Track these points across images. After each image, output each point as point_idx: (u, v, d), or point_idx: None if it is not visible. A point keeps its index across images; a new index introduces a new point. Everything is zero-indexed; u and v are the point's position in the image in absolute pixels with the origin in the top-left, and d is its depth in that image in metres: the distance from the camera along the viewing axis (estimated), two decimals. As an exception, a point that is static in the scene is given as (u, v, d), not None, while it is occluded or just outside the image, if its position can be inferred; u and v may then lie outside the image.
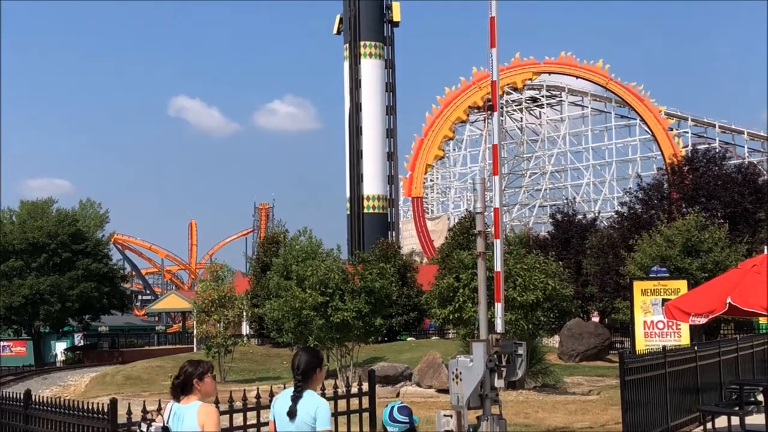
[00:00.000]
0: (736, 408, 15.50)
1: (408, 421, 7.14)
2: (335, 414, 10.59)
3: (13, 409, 11.31)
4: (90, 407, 9.41)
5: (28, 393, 11.13)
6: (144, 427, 7.36)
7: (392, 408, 7.18)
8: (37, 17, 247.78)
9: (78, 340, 77.21)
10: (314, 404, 7.05)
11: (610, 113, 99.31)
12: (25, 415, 10.89)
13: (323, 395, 7.68)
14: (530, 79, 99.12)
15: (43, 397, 11.09)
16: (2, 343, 74.45)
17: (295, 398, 7.10)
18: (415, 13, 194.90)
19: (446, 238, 65.35)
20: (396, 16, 79.48)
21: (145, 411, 8.61)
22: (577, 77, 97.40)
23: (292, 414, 7.04)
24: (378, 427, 7.82)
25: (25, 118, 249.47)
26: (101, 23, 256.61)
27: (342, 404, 10.67)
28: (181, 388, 7.23)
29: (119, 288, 74.52)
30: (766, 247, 15.46)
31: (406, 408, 7.24)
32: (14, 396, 11.49)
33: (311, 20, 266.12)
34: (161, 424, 7.19)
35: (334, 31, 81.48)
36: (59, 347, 73.76)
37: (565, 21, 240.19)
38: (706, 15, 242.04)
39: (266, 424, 9.01)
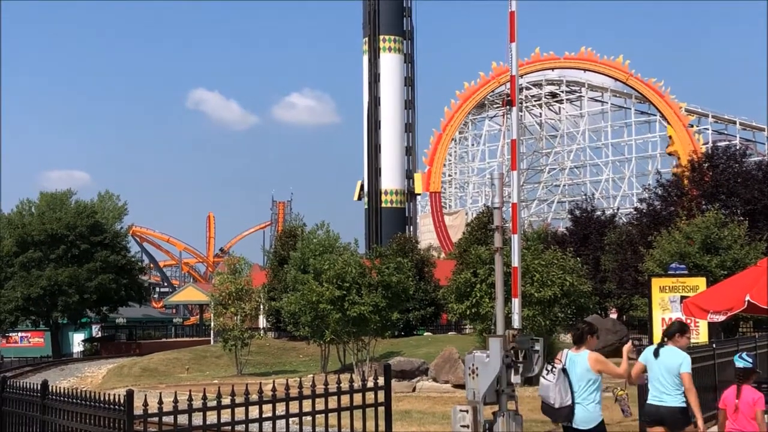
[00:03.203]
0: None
1: (752, 362, 10.07)
2: (350, 408, 10.58)
3: (31, 399, 11.34)
4: (106, 398, 9.42)
5: (45, 383, 11.16)
6: (549, 367, 10.20)
7: (740, 354, 10.20)
8: (57, 8, 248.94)
9: (96, 331, 77.68)
10: (678, 357, 10.51)
11: (630, 109, 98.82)
12: (42, 406, 10.92)
13: (338, 389, 7.92)
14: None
15: (60, 387, 11.11)
16: (20, 334, 74.91)
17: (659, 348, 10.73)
18: (436, 7, 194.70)
19: (464, 233, 65.19)
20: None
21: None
22: (596, 73, 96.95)
23: (656, 355, 10.66)
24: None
25: (45, 110, 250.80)
26: (120, 14, 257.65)
27: (357, 398, 10.65)
28: (576, 340, 10.32)
29: (137, 280, 74.80)
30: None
31: (752, 355, 10.84)
32: (32, 386, 11.52)
33: (331, 13, 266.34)
34: (560, 366, 10.10)
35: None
36: (77, 338, 74.19)
37: (585, 17, 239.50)
38: (727, 11, 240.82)
39: (283, 417, 9.34)
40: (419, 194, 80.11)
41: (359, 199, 77.75)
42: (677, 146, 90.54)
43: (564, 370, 10.04)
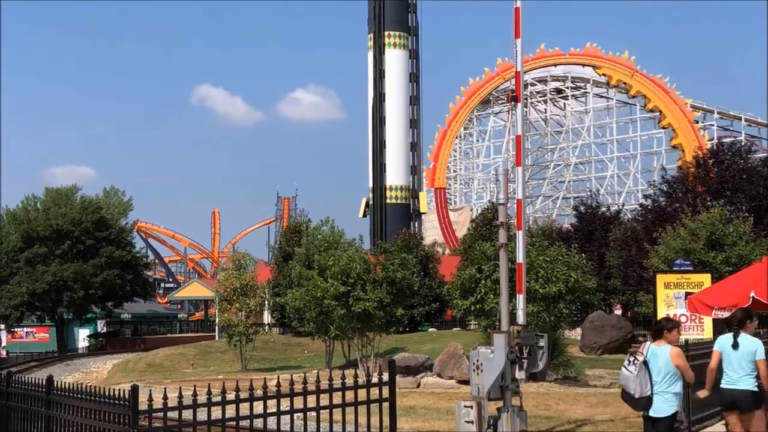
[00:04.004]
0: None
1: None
2: (355, 403, 10.60)
3: (36, 394, 11.38)
4: (111, 393, 9.45)
5: (50, 379, 11.20)
6: (631, 359, 10.80)
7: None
8: (61, 4, 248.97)
9: (101, 327, 77.81)
10: (753, 343, 11.24)
11: (635, 105, 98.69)
12: (47, 401, 10.96)
13: (343, 385, 7.96)
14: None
15: (65, 383, 11.15)
16: (26, 329, 75.05)
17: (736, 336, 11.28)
18: (441, 3, 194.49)
19: (469, 229, 65.19)
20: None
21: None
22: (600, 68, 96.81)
23: (735, 346, 11.20)
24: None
25: (49, 106, 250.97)
26: (125, 11, 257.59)
27: (362, 394, 10.66)
28: (654, 334, 11.00)
29: (142, 276, 74.87)
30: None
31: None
32: (37, 381, 11.56)
33: (336, 9, 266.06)
34: (642, 359, 10.68)
35: None
36: (82, 334, 74.32)
37: (589, 13, 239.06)
38: (732, 8, 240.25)
39: (287, 412, 9.36)
40: (424, 213, 79.93)
41: (364, 216, 77.62)
42: (681, 139, 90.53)
43: (645, 363, 10.72)
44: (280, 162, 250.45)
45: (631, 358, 10.84)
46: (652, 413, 10.81)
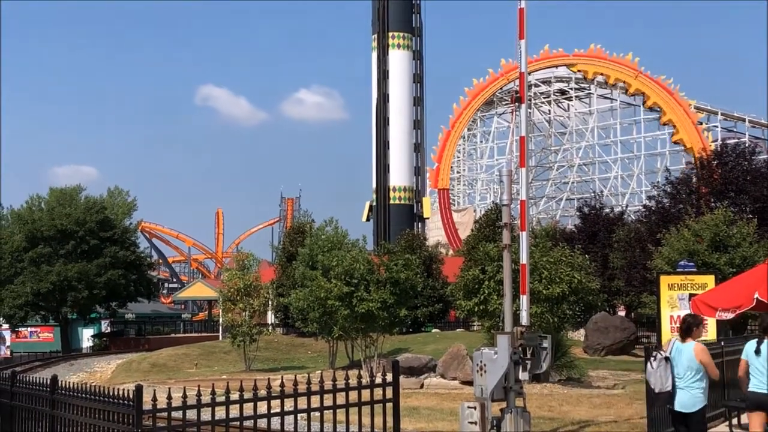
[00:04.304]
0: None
1: None
2: (359, 404, 10.61)
3: (40, 394, 11.40)
4: (115, 393, 9.47)
5: (54, 378, 11.22)
6: (655, 354, 11.06)
7: None
8: (65, 4, 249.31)
9: (105, 326, 77.81)
10: None
11: (639, 106, 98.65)
12: (52, 401, 10.98)
13: (347, 385, 8.01)
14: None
15: (69, 382, 11.17)
16: (30, 329, 75.09)
17: (759, 343, 11.13)
18: (445, 4, 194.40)
19: (472, 230, 65.16)
20: None
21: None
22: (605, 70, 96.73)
23: (757, 352, 11.12)
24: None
25: (53, 106, 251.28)
26: (129, 11, 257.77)
27: (366, 394, 10.68)
28: (683, 333, 11.11)
29: (146, 276, 74.93)
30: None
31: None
32: (41, 381, 11.58)
33: (339, 10, 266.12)
34: (664, 355, 10.94)
35: None
36: (86, 334, 74.34)
37: (594, 14, 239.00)
38: (737, 8, 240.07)
39: (291, 412, 9.40)
40: (428, 218, 79.83)
41: (368, 220, 77.57)
42: (682, 134, 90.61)
43: (667, 359, 11.01)
44: (284, 162, 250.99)
45: (655, 354, 11.16)
46: (679, 408, 11.05)
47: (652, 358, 11.13)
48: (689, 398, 10.96)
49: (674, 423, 11.39)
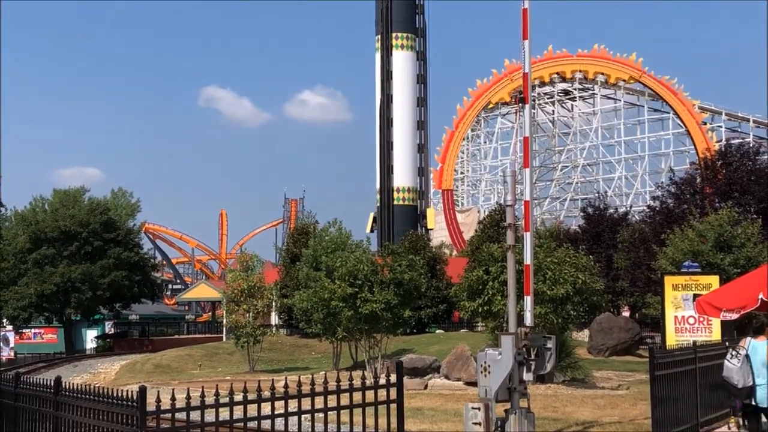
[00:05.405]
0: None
1: None
2: (362, 405, 10.59)
3: (44, 395, 11.39)
4: (119, 395, 9.46)
5: (58, 380, 11.21)
6: (733, 352, 12.00)
7: None
8: (69, 4, 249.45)
9: (108, 328, 77.87)
10: None
11: (643, 107, 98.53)
12: (56, 402, 10.97)
13: (350, 386, 7.99)
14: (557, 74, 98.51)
15: (73, 384, 11.16)
16: (34, 330, 75.19)
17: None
18: (448, 4, 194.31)
19: (476, 230, 65.18)
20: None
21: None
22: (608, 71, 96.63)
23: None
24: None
25: (57, 107, 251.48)
26: (133, 11, 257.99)
27: (370, 395, 10.67)
28: (756, 331, 12.29)
29: (150, 277, 75.02)
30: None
31: None
32: (45, 383, 11.57)
33: (343, 10, 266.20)
34: (744, 353, 11.86)
35: None
36: (90, 335, 74.40)
37: (598, 14, 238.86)
38: (741, 9, 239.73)
39: (295, 413, 9.39)
40: (431, 229, 79.48)
41: (372, 231, 77.43)
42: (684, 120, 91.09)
43: (747, 356, 11.95)
44: (288, 164, 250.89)
45: (734, 352, 12.01)
46: (759, 403, 11.94)
47: (730, 356, 11.97)
48: (766, 394, 11.88)
49: (748, 416, 12.38)
